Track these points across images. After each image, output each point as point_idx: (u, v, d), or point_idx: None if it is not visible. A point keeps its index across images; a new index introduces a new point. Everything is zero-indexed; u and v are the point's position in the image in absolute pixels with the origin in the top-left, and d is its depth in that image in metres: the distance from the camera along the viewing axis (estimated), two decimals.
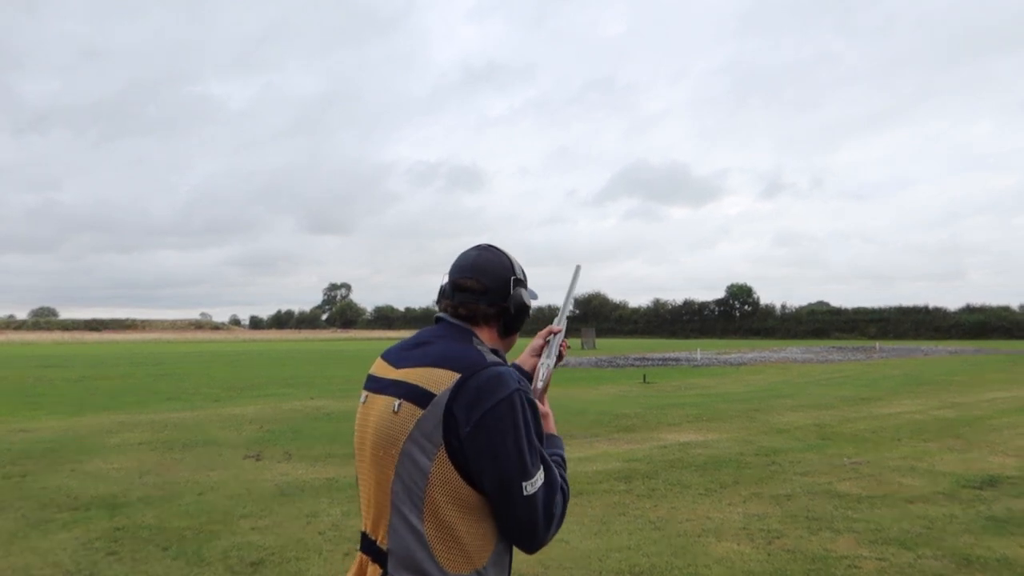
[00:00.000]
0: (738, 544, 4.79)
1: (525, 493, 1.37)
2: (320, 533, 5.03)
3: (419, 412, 1.38)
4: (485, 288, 1.56)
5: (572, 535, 4.96)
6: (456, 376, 1.39)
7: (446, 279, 1.61)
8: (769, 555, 4.56)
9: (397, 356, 1.55)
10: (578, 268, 1.93)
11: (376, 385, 1.53)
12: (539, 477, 1.40)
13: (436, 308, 1.65)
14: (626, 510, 5.64)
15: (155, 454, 8.06)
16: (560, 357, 1.78)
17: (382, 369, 1.55)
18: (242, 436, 9.35)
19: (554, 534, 1.46)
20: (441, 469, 1.36)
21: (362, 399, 1.56)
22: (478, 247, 1.64)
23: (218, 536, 4.97)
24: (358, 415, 1.56)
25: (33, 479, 6.77)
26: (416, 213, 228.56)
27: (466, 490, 1.37)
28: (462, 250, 1.66)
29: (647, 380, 18.84)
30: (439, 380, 1.40)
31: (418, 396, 1.40)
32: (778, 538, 4.91)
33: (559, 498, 1.45)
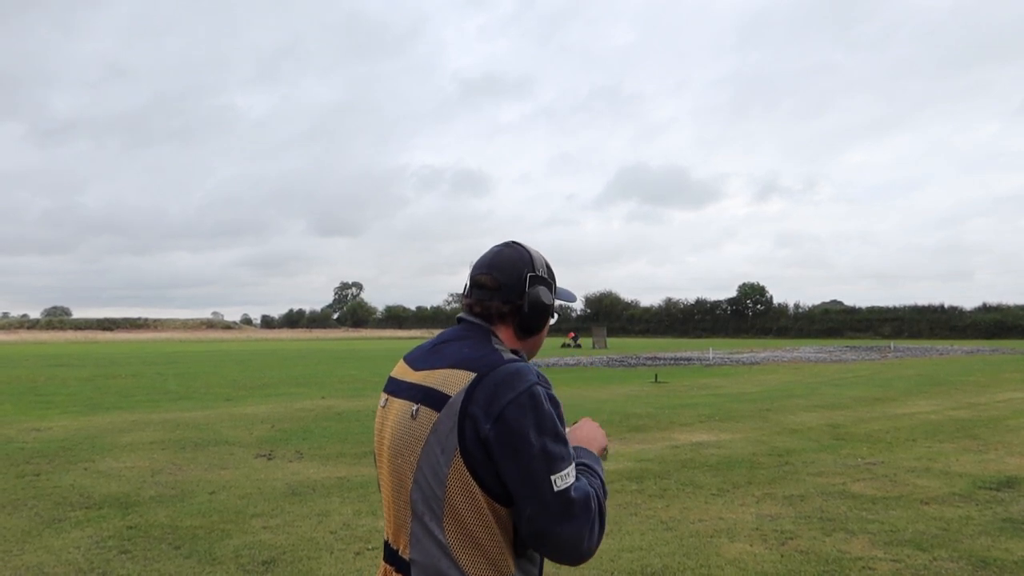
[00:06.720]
0: (751, 545, 4.75)
1: (556, 488, 1.25)
2: (331, 532, 5.03)
3: (435, 416, 1.32)
4: (498, 284, 1.47)
5: None
6: (471, 376, 1.32)
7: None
8: (782, 556, 4.52)
9: (417, 359, 1.49)
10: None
11: (395, 388, 1.48)
12: (571, 472, 1.28)
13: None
14: (638, 510, 5.61)
15: (167, 453, 8.11)
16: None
17: (402, 372, 1.50)
18: (253, 435, 9.39)
19: (599, 539, 1.31)
20: (458, 475, 1.28)
21: (382, 402, 1.51)
22: (501, 244, 1.55)
23: (230, 535, 4.99)
24: (377, 419, 1.51)
25: (46, 478, 6.82)
26: (423, 216, 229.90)
27: (483, 497, 1.28)
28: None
29: (659, 380, 18.78)
30: (455, 382, 1.33)
31: (434, 400, 1.34)
32: (791, 539, 4.87)
33: (596, 497, 1.32)
